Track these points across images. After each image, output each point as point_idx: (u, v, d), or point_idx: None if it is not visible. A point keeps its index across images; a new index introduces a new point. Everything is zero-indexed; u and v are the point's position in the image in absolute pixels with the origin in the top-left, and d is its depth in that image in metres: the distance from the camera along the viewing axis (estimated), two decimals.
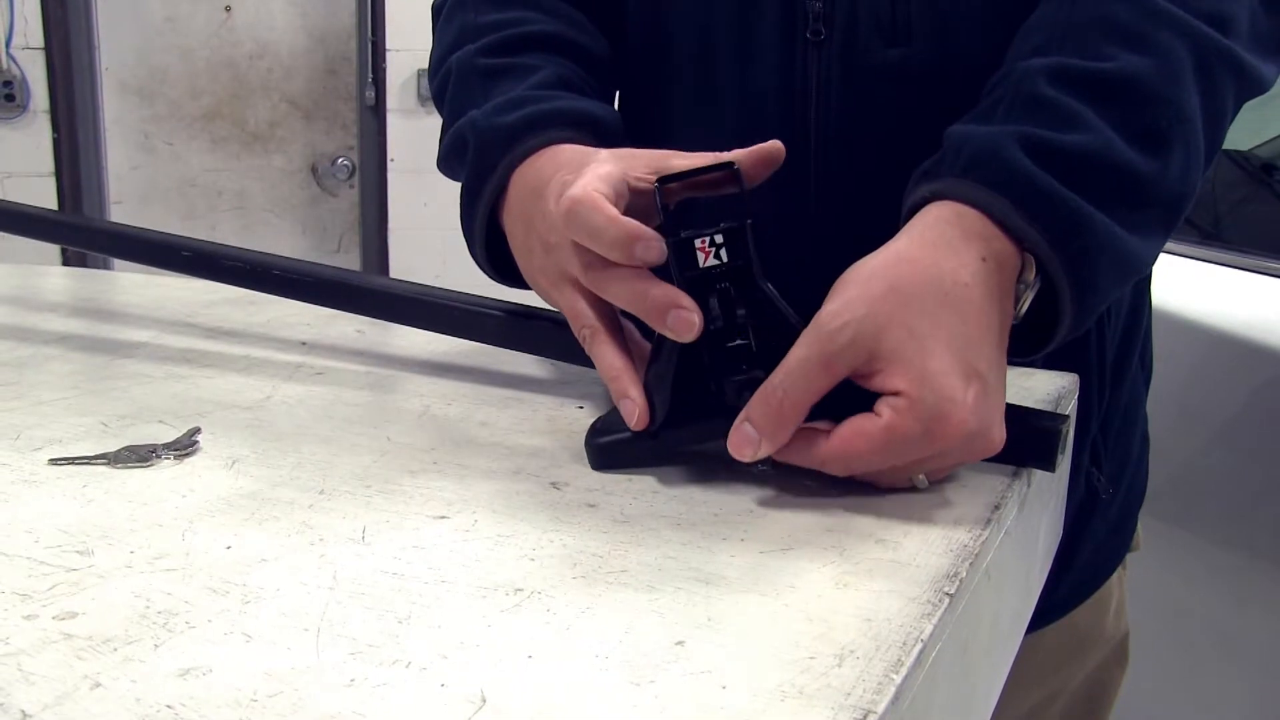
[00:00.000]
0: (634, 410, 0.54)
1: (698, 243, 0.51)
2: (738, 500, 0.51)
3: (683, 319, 0.50)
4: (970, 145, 0.55)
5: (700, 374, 0.52)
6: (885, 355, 0.49)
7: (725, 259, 0.51)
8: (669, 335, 0.51)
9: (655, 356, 0.54)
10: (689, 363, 0.52)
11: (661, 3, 0.77)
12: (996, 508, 0.51)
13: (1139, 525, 0.94)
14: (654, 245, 0.50)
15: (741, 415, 0.50)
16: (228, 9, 2.95)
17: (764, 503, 0.51)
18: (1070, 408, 0.72)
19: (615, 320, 0.58)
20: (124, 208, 2.97)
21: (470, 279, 0.77)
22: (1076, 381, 0.74)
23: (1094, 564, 0.87)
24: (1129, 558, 0.95)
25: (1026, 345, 0.58)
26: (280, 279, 0.76)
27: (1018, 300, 0.54)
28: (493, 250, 0.68)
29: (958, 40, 0.70)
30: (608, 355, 0.56)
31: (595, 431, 0.57)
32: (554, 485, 0.53)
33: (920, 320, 0.49)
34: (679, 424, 0.53)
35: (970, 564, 0.45)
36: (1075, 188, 0.53)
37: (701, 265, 0.51)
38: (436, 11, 0.83)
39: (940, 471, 0.52)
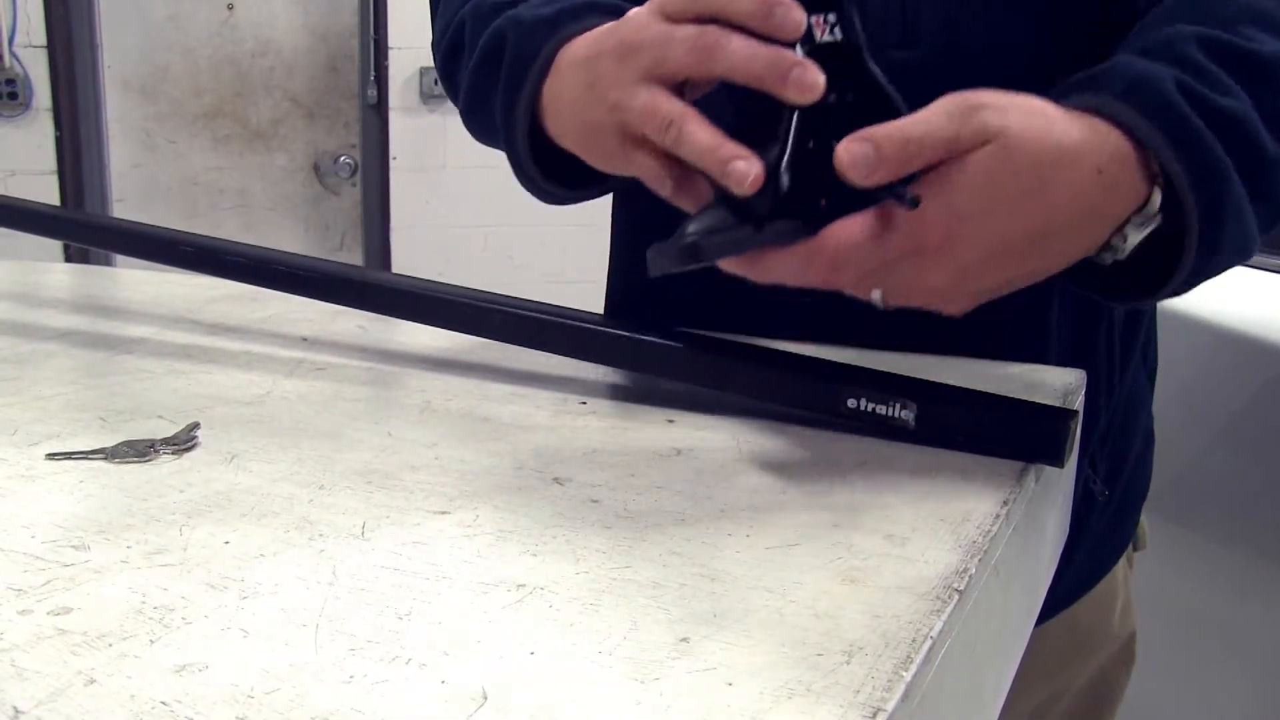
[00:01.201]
0: (748, 171, 0.49)
1: (813, 18, 0.50)
2: (743, 497, 0.50)
3: (806, 78, 0.49)
4: (1131, 72, 0.54)
5: (805, 162, 0.50)
6: (964, 168, 0.50)
7: (839, 37, 0.51)
8: (790, 96, 0.49)
9: (760, 144, 0.51)
10: (798, 149, 0.50)
11: None
12: (1005, 504, 0.50)
13: (1144, 523, 0.93)
14: (794, 9, 0.50)
15: (864, 133, 0.49)
16: (230, 7, 2.95)
17: (769, 499, 0.50)
18: (1078, 404, 0.71)
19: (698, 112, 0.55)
20: (126, 205, 2.97)
21: (473, 276, 0.76)
22: (1084, 378, 0.73)
23: (1091, 562, 0.86)
24: (1135, 557, 0.94)
25: (1130, 290, 0.57)
26: (283, 274, 0.76)
27: (1124, 234, 0.53)
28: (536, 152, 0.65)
29: (963, 41, 0.70)
30: (702, 133, 0.52)
31: (681, 234, 0.52)
32: (557, 481, 0.52)
33: (1005, 176, 0.50)
34: (785, 211, 0.50)
35: (979, 560, 0.44)
36: (1219, 144, 0.52)
37: (818, 40, 0.50)
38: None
39: (895, 295, 0.52)
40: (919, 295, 0.53)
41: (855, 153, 0.48)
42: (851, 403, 0.57)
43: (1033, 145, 0.50)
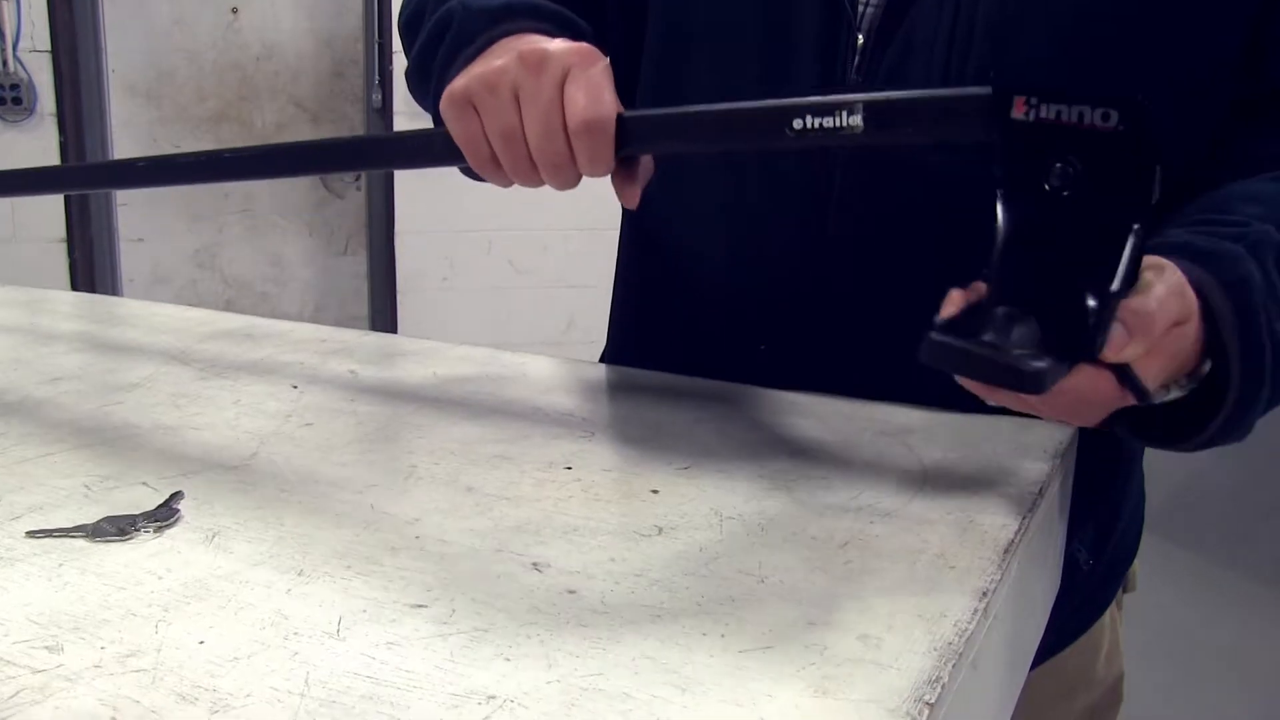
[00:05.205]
0: None
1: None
2: (721, 587, 0.50)
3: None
4: (1237, 270, 0.59)
5: None
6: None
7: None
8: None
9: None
10: None
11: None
12: (984, 595, 0.50)
13: (1135, 564, 0.92)
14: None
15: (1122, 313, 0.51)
16: (234, 11, 2.94)
17: (746, 589, 0.50)
18: (1070, 455, 0.71)
19: None
20: (131, 209, 2.97)
21: (477, 280, 0.77)
22: (1075, 434, 0.73)
23: (1077, 618, 0.86)
24: (1125, 598, 0.94)
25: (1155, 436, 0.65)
26: (231, 161, 0.80)
27: (1168, 388, 0.60)
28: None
29: None
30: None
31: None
32: (535, 566, 0.52)
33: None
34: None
35: (953, 665, 0.44)
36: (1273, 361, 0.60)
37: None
38: None
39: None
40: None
41: (1118, 341, 0.51)
42: (798, 123, 0.57)
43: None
